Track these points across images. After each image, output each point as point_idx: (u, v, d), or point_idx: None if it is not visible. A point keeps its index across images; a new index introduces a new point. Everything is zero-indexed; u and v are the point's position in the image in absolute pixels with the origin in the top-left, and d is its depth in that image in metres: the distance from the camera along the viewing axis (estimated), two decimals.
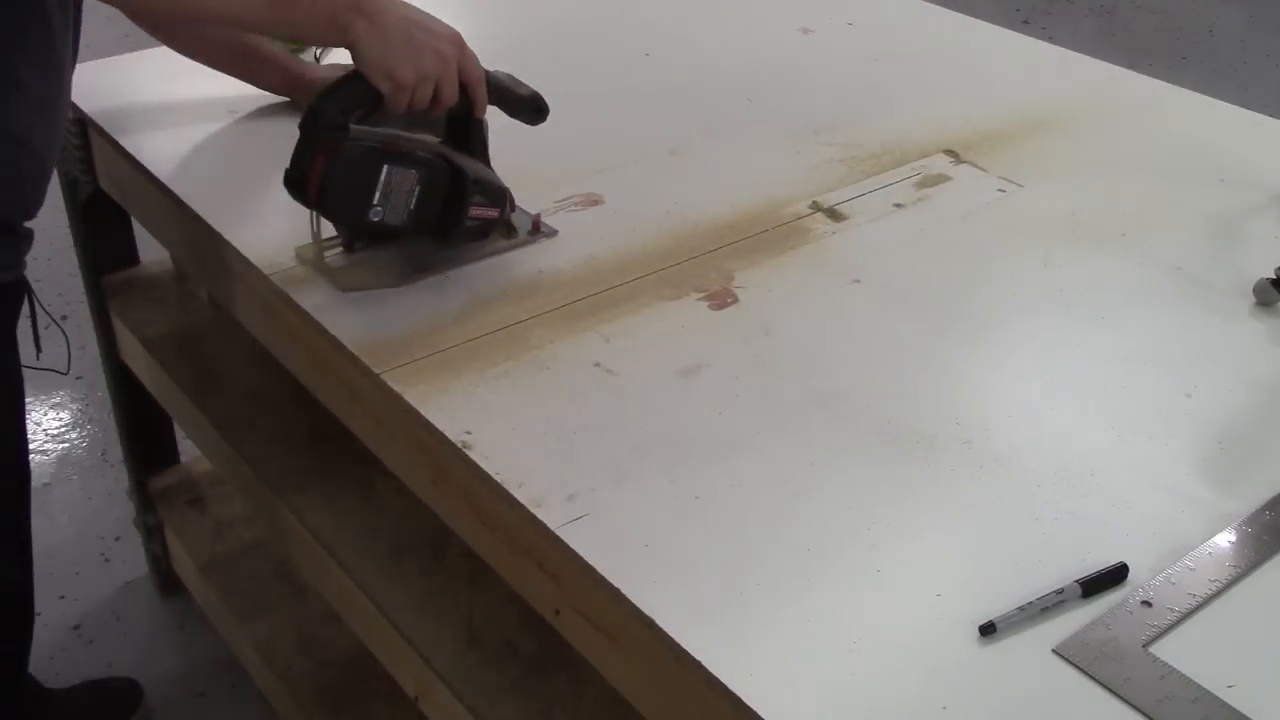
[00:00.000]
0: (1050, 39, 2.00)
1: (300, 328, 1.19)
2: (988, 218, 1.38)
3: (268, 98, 1.54)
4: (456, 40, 1.19)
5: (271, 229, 1.29)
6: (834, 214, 1.37)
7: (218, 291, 1.44)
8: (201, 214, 1.31)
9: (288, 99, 1.54)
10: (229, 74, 1.51)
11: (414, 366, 1.09)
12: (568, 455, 1.00)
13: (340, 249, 1.25)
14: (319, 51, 1.69)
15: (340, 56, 1.65)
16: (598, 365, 1.11)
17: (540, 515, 0.93)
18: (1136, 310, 1.23)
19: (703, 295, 1.22)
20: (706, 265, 1.27)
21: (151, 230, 1.54)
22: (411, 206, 1.18)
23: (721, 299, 1.21)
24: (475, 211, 1.21)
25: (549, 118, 1.28)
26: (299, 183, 1.16)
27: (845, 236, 1.33)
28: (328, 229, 1.25)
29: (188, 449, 1.93)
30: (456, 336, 1.14)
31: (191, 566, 1.82)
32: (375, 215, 1.16)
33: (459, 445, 1.00)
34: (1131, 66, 1.79)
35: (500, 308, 1.18)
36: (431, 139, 1.23)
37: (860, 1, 1.98)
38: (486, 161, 1.26)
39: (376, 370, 1.08)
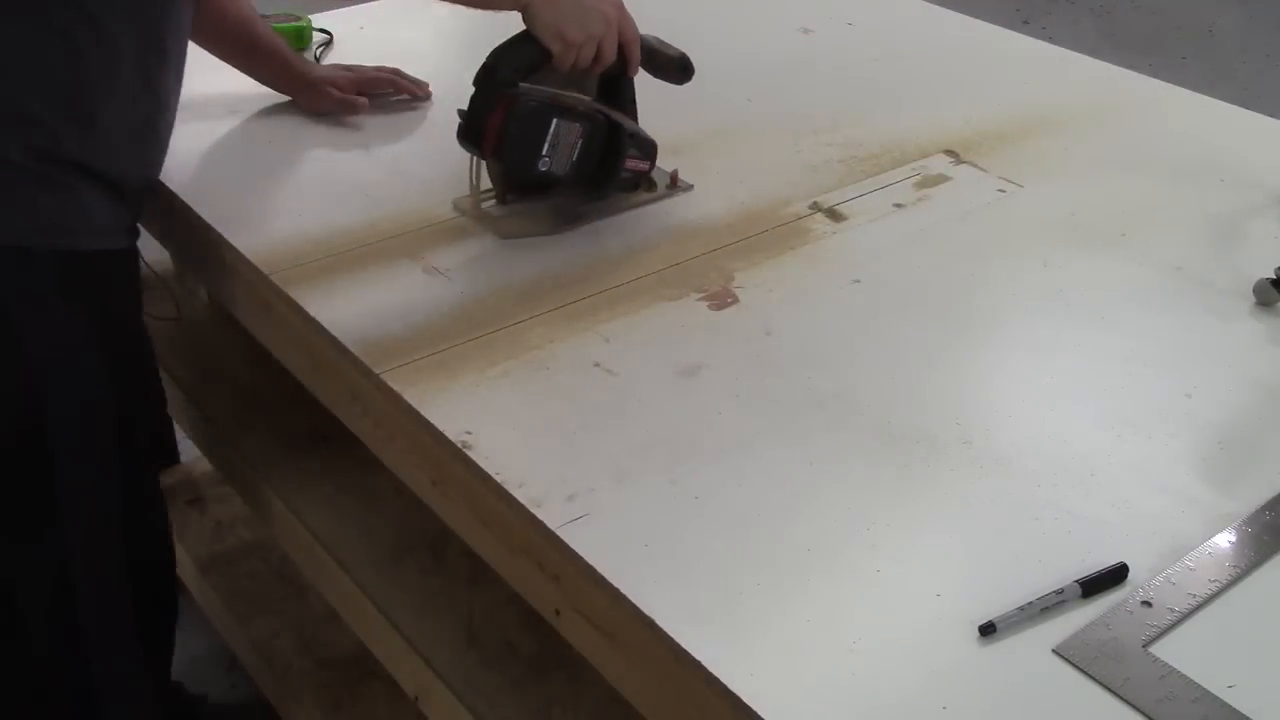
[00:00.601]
0: (1050, 39, 2.00)
1: (300, 328, 1.19)
2: (988, 218, 1.38)
3: (269, 98, 1.54)
4: (618, 3, 1.26)
5: (272, 229, 1.29)
6: (834, 214, 1.37)
7: (217, 291, 1.44)
8: (201, 214, 1.32)
9: (289, 98, 1.54)
10: (233, 65, 1.51)
11: (414, 366, 1.09)
12: (568, 455, 1.00)
13: (494, 201, 1.34)
14: (319, 51, 1.70)
15: (340, 58, 1.66)
16: (598, 365, 1.11)
17: (540, 515, 0.93)
18: (1136, 310, 1.23)
19: (703, 295, 1.22)
20: (706, 265, 1.27)
21: (151, 230, 1.54)
22: (574, 158, 1.26)
23: (721, 299, 1.21)
24: (630, 164, 1.30)
25: None
26: (475, 135, 1.23)
27: (845, 236, 1.33)
28: (484, 182, 1.33)
29: (188, 449, 1.92)
30: (456, 336, 1.14)
31: (191, 566, 1.82)
32: (543, 165, 1.24)
33: (459, 445, 1.00)
34: (1131, 66, 1.79)
35: (500, 307, 1.18)
36: (585, 97, 1.30)
37: (860, 1, 1.98)
38: (635, 118, 1.33)
39: (376, 370, 1.08)
